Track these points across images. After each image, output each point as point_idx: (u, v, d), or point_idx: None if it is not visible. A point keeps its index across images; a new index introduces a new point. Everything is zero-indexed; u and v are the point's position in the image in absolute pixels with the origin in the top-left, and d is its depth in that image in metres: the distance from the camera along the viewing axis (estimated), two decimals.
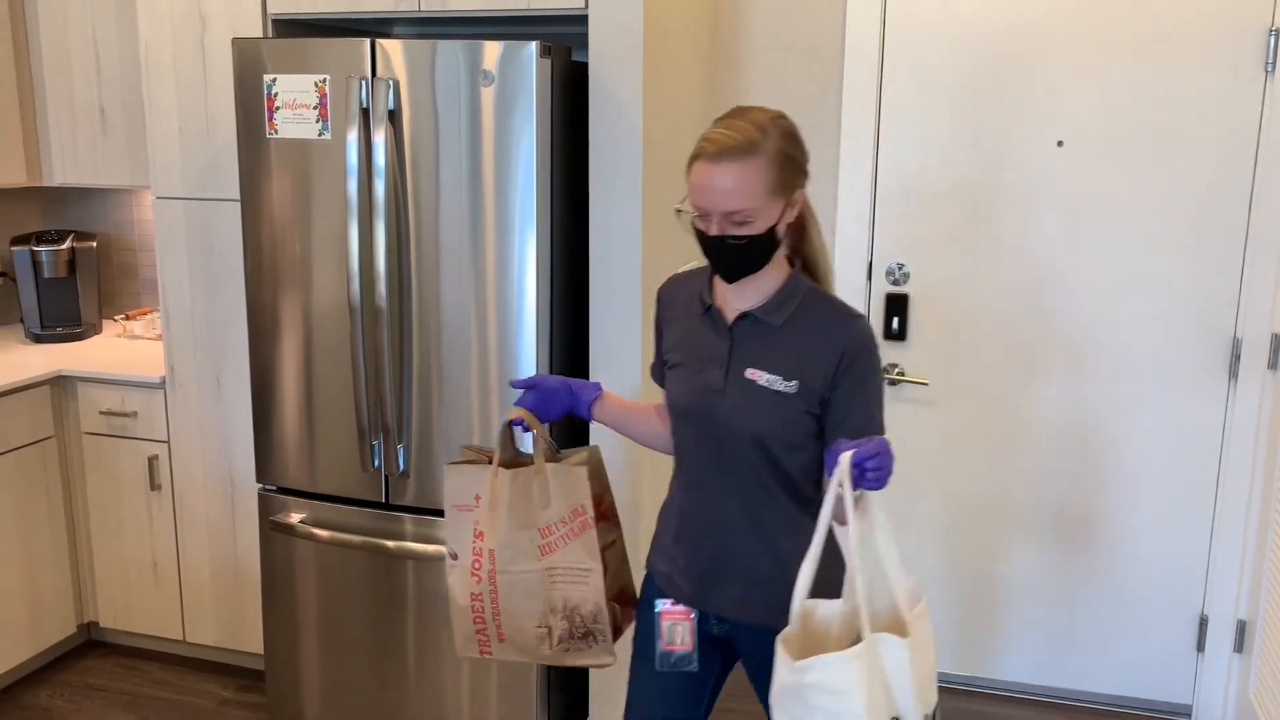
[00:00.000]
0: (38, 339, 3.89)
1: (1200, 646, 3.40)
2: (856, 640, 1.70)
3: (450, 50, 2.72)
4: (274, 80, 2.82)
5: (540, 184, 2.76)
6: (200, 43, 3.13)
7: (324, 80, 2.79)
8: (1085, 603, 3.46)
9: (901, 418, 3.51)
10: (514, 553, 2.03)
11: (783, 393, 1.89)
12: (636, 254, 2.88)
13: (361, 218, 2.78)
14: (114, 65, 3.60)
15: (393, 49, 2.75)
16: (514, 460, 2.11)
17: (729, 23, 3.48)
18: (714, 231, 1.83)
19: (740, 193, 1.78)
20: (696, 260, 2.03)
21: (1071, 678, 3.52)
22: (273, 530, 3.03)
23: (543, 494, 2.03)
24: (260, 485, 3.09)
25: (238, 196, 3.17)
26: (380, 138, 2.73)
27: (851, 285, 3.47)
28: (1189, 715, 3.43)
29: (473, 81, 2.72)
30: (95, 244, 3.98)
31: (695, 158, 1.82)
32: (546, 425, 2.10)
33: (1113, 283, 3.29)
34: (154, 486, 3.46)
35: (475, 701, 3.00)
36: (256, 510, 3.32)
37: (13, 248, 3.87)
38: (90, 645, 3.77)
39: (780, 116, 1.86)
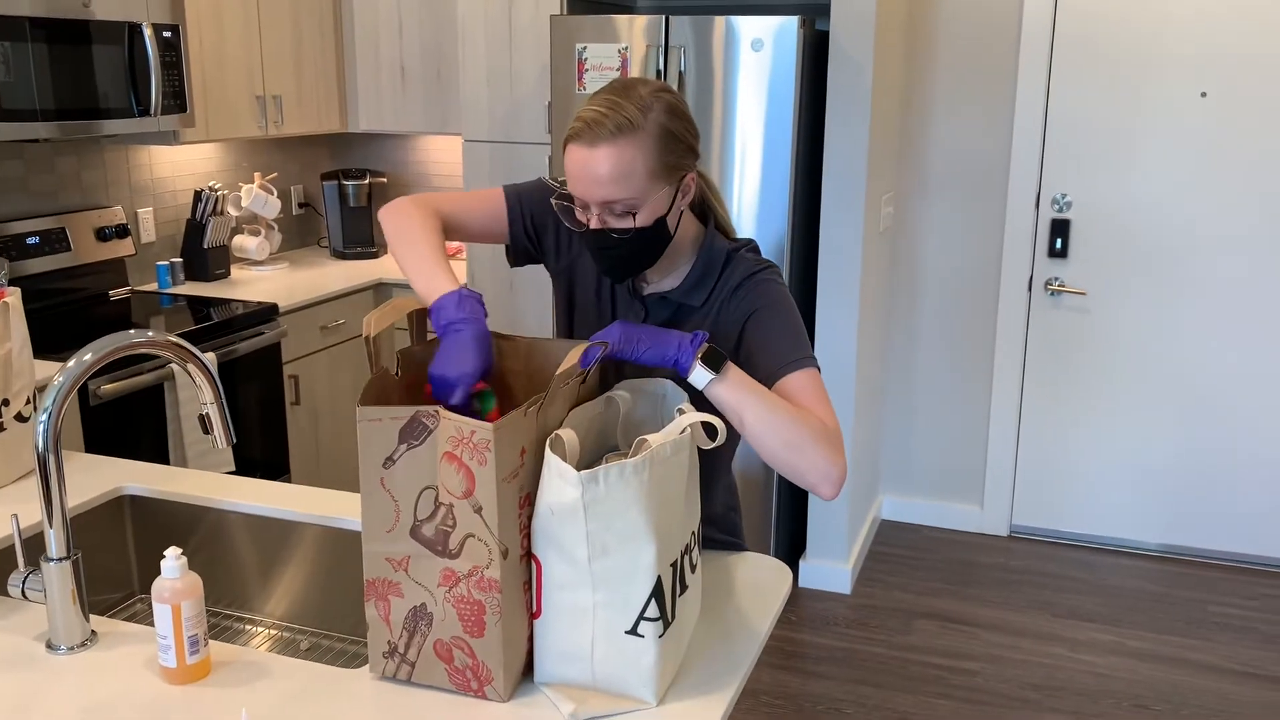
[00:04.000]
0: (341, 256, 4.37)
1: None
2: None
3: (729, 23, 3.08)
4: (584, 48, 3.21)
5: (794, 132, 3.14)
6: (508, 16, 3.51)
7: (625, 48, 3.17)
8: (1205, 470, 3.79)
9: (1061, 322, 3.85)
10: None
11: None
12: (862, 180, 3.25)
13: None
14: (414, 31, 4.01)
15: (683, 23, 3.12)
16: None
17: None
18: (593, 225, 1.45)
19: (617, 179, 1.39)
20: None
21: (1192, 535, 3.87)
22: None
23: None
24: None
25: (535, 140, 3.58)
26: None
27: (1022, 212, 3.78)
28: None
29: (746, 48, 3.09)
30: (386, 180, 4.43)
31: (569, 140, 1.43)
32: None
33: (1246, 204, 3.58)
34: None
35: None
36: None
37: (323, 182, 4.33)
38: None
39: (664, 89, 1.46)
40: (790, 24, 3.07)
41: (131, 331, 1.42)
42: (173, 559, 1.27)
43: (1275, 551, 3.80)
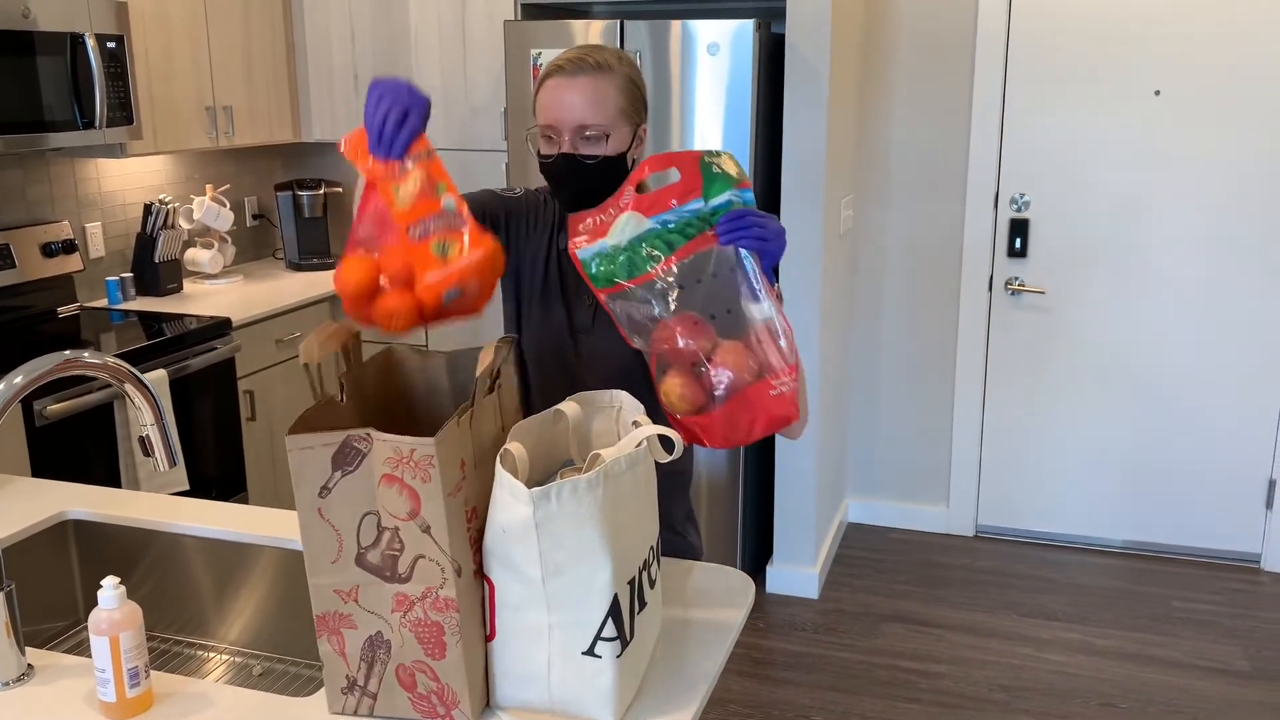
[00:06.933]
0: (297, 268, 4.30)
1: (1269, 505, 3.75)
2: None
3: (685, 27, 3.06)
4: (539, 54, 3.17)
5: (752, 136, 3.12)
6: (461, 22, 3.48)
7: None
8: (1168, 467, 3.82)
9: (1022, 322, 3.86)
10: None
11: None
12: (821, 183, 3.24)
13: None
14: (367, 37, 3.96)
15: (638, 27, 3.09)
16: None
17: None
18: (564, 149, 1.59)
19: (593, 107, 1.57)
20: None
21: (1156, 532, 3.89)
22: None
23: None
24: None
25: (491, 147, 3.54)
26: None
27: (981, 212, 3.78)
28: (1258, 561, 3.80)
29: (701, 52, 3.06)
30: (341, 190, 4.37)
31: (546, 77, 1.61)
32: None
33: (1200, 201, 3.60)
34: None
35: None
36: None
37: (277, 193, 4.26)
38: None
39: (626, 54, 1.69)
40: (746, 27, 3.05)
41: (67, 352, 1.36)
42: (110, 588, 1.22)
43: (1236, 546, 3.83)
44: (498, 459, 1.17)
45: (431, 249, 1.28)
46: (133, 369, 1.37)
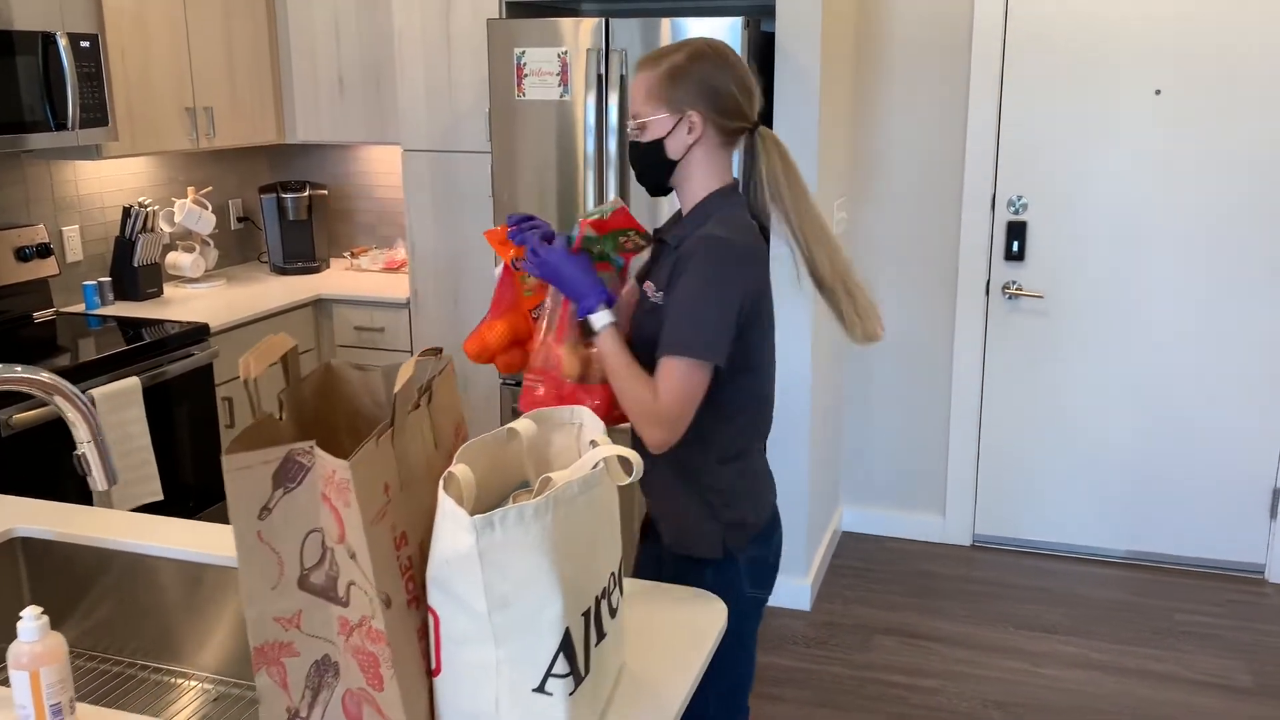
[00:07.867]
0: (281, 272, 4.23)
1: (1274, 514, 3.67)
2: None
3: (673, 26, 2.98)
4: (523, 52, 3.10)
5: None
6: (445, 23, 3.40)
7: (565, 52, 3.07)
8: (1169, 476, 3.74)
9: (1020, 326, 3.78)
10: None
11: (657, 305, 1.71)
12: (813, 185, 3.16)
13: (596, 168, 3.07)
14: (352, 40, 3.89)
15: (624, 26, 3.02)
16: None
17: None
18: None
19: (634, 98, 1.73)
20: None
21: (1157, 542, 3.81)
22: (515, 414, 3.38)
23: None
24: (501, 379, 3.45)
25: (476, 149, 3.46)
26: (614, 100, 3.02)
27: (977, 215, 3.71)
28: (1262, 572, 3.72)
29: None
30: (326, 192, 4.30)
31: None
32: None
33: (1203, 203, 3.53)
34: None
35: None
36: (498, 404, 3.65)
37: (261, 195, 4.19)
38: None
39: (709, 42, 1.73)
40: (735, 26, 2.98)
41: None
42: (30, 620, 1.14)
43: (1239, 556, 3.75)
44: (440, 483, 1.10)
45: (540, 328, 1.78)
46: (63, 382, 1.30)
